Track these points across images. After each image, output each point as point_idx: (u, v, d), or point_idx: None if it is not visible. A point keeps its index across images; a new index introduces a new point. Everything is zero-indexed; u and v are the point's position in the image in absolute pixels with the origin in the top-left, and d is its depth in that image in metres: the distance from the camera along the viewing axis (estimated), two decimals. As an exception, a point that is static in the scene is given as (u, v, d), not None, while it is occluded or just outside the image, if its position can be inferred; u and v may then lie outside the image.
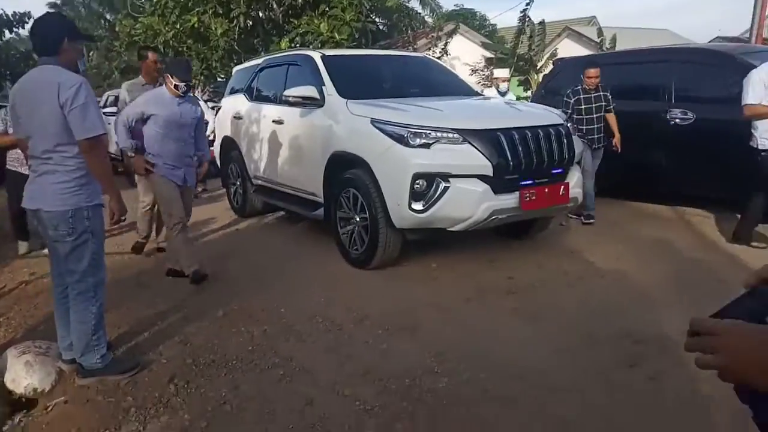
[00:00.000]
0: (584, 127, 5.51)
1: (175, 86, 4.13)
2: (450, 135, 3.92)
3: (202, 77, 12.60)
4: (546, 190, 4.08)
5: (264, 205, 6.26)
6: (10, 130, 4.52)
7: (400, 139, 3.98)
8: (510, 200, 3.95)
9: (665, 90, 5.67)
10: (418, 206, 3.91)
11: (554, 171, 4.20)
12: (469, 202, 3.87)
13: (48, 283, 3.76)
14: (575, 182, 4.32)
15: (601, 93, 5.52)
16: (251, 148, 6.07)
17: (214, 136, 7.15)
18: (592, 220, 5.62)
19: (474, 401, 2.57)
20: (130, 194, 4.27)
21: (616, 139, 5.58)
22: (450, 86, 5.55)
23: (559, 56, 16.86)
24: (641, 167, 5.78)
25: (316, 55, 5.28)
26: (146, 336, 3.46)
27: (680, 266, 4.29)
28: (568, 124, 4.54)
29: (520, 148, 3.97)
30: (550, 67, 17.09)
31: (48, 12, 3.21)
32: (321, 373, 2.91)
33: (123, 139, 4.23)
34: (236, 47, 12.02)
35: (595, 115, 5.49)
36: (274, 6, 11.88)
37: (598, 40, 19.26)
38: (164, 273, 4.44)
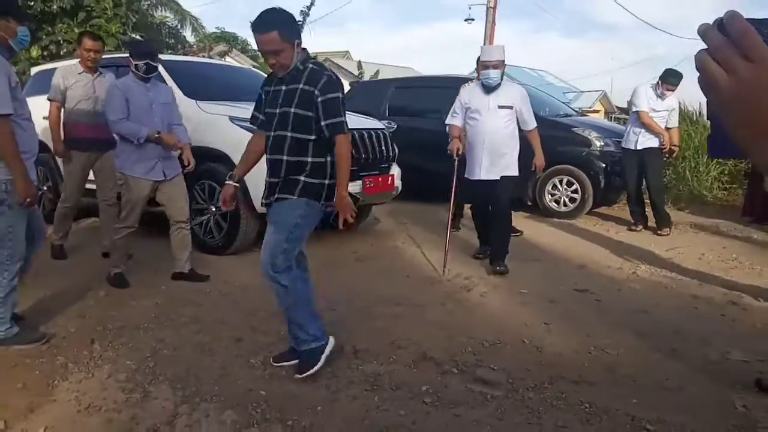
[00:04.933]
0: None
1: (136, 66, 3.91)
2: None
3: None
4: (380, 179, 5.12)
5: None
6: None
7: (262, 134, 4.60)
8: (355, 187, 4.85)
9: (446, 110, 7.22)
10: (282, 191, 4.57)
11: (381, 165, 5.27)
12: (324, 187, 4.68)
13: None
14: (397, 175, 5.45)
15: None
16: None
17: None
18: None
19: (372, 316, 3.42)
20: None
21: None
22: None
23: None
24: (431, 174, 7.16)
25: (154, 58, 5.52)
26: (33, 315, 3.45)
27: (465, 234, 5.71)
28: None
29: (360, 144, 4.94)
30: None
31: None
32: (236, 322, 3.39)
33: (137, 128, 3.83)
34: None
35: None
36: None
37: (357, 73, 21.72)
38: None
